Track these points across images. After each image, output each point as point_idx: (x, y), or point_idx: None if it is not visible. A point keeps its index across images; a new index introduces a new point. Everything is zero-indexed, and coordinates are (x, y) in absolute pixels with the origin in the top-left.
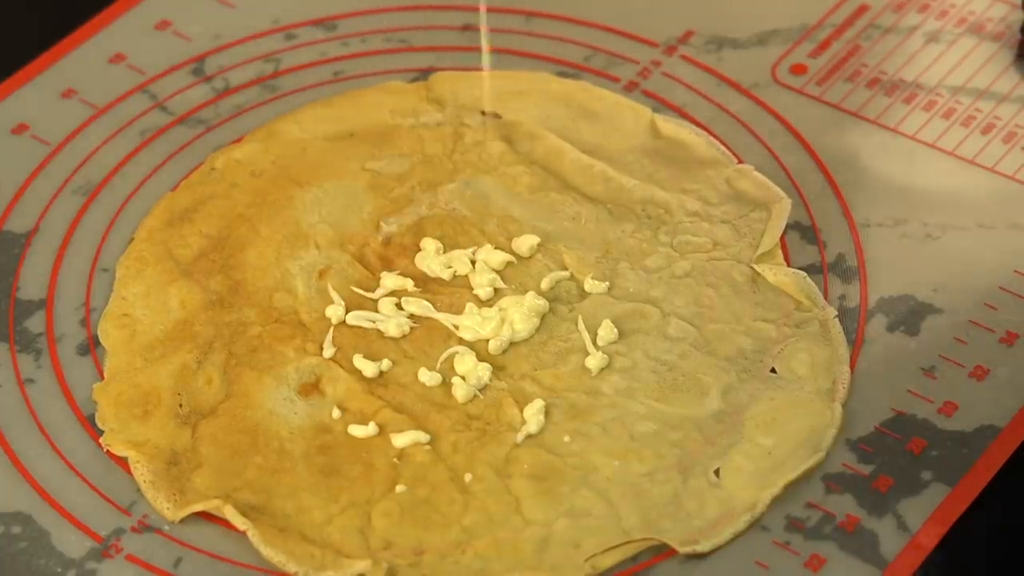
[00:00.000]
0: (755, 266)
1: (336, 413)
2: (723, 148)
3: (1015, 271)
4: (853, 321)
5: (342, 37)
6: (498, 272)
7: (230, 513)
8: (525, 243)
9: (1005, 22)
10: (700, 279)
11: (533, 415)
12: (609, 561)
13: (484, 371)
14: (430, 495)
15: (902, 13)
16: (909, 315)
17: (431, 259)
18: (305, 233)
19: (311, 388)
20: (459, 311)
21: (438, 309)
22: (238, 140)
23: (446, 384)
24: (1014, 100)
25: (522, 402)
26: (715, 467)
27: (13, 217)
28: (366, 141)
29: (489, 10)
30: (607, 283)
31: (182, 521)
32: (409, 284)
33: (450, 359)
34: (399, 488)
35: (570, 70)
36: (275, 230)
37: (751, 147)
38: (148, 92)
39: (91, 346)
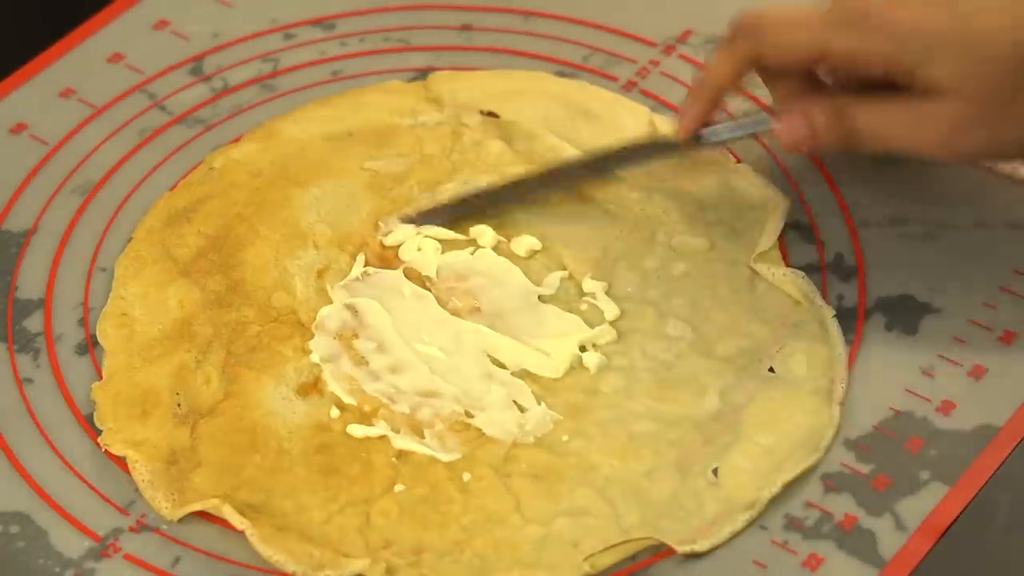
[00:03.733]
0: (753, 266)
1: (335, 412)
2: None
3: (1014, 270)
4: (851, 320)
5: (341, 36)
6: None
7: (229, 512)
8: (523, 244)
9: None
10: (698, 279)
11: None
12: (608, 560)
13: None
14: (429, 494)
15: None
16: (907, 314)
17: (430, 259)
18: (304, 233)
19: (310, 387)
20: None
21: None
22: (237, 140)
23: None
24: None
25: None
26: (713, 466)
27: (11, 216)
28: (365, 141)
29: (488, 9)
30: (605, 283)
31: (180, 520)
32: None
33: None
34: (398, 487)
35: (568, 69)
36: (274, 230)
37: (749, 147)
38: (147, 91)
39: (89, 346)
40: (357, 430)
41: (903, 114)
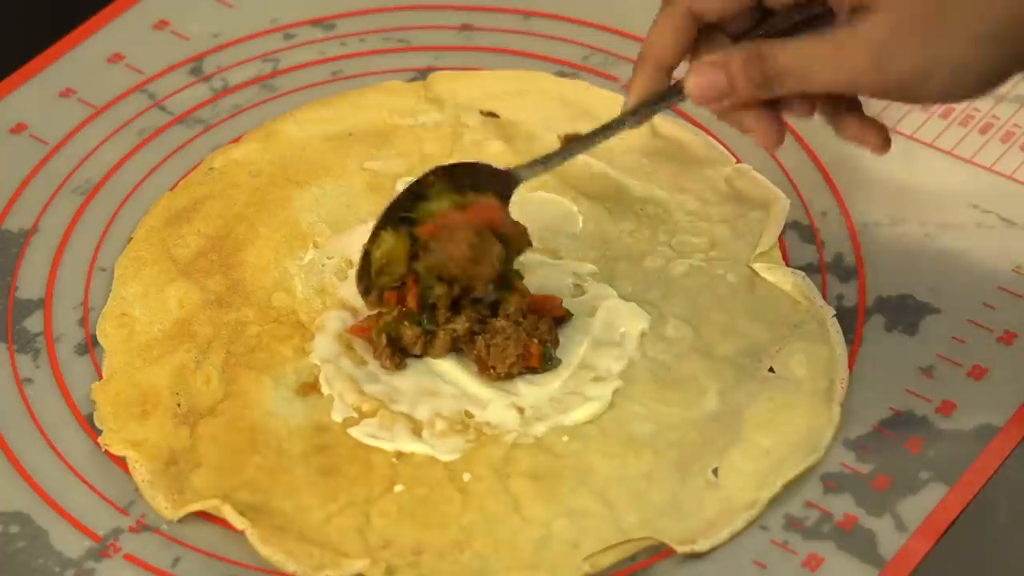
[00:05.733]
0: (753, 266)
1: (335, 413)
2: (721, 148)
3: (1013, 270)
4: (851, 321)
5: (340, 37)
6: None
7: (228, 512)
8: None
9: None
10: (698, 279)
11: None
12: (607, 560)
13: None
14: (428, 495)
15: None
16: (907, 314)
17: None
18: (304, 233)
19: (309, 388)
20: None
21: None
22: (237, 140)
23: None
24: (1012, 100)
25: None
26: (713, 467)
27: (11, 216)
28: (364, 141)
29: (488, 9)
30: (605, 283)
31: (180, 521)
32: None
33: None
34: (398, 488)
35: (568, 69)
36: (274, 230)
37: (749, 147)
38: (147, 92)
39: (89, 346)
40: (357, 431)
41: (828, 45)
